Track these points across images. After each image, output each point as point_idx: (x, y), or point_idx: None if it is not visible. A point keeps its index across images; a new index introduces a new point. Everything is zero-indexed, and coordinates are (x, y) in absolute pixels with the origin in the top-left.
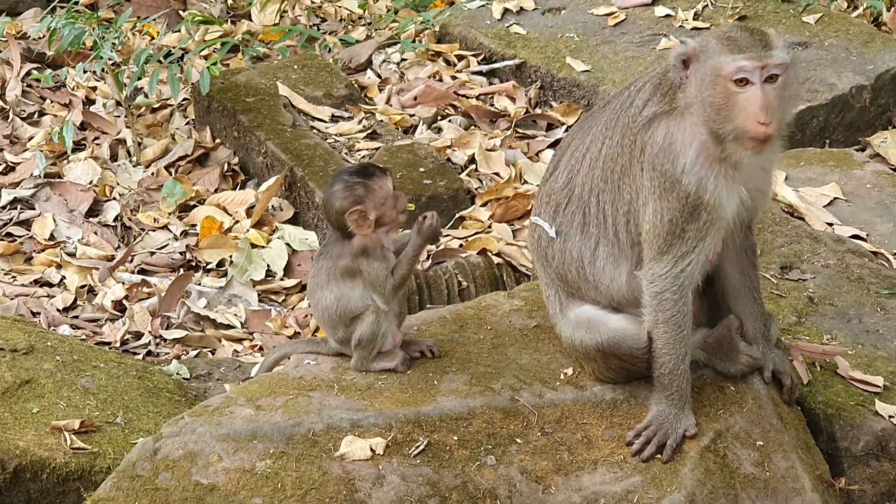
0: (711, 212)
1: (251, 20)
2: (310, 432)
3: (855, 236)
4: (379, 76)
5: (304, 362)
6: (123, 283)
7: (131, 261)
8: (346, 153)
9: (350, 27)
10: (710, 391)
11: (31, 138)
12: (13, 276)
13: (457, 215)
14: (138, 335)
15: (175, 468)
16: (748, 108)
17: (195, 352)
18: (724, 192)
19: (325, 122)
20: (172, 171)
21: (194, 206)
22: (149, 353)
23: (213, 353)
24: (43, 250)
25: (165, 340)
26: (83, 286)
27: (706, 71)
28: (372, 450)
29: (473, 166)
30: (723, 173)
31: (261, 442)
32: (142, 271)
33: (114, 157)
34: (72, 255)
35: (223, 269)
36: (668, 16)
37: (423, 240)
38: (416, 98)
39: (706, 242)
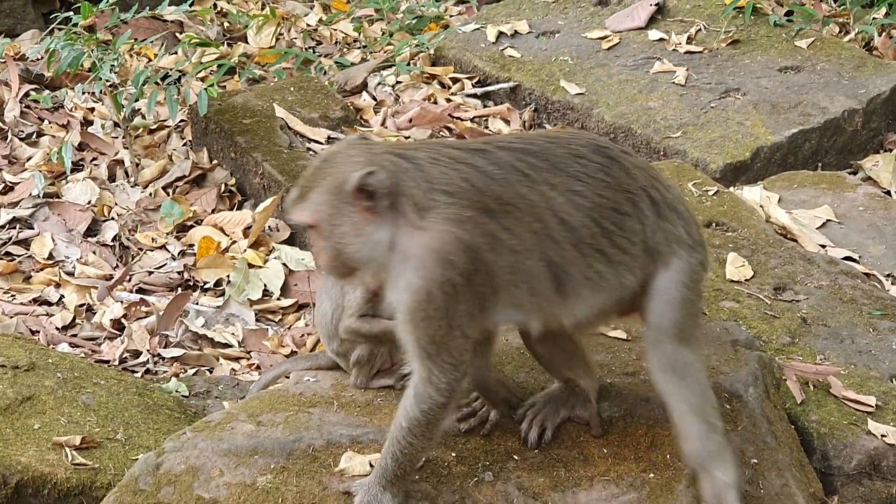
0: None
1: (247, 43)
2: (310, 448)
3: (848, 258)
4: (374, 98)
5: (304, 379)
6: (122, 303)
7: (129, 280)
8: None
9: (345, 50)
10: None
11: (29, 158)
12: (12, 295)
13: None
14: (137, 354)
15: (177, 482)
16: None
17: (193, 370)
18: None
19: (321, 143)
20: (170, 191)
21: (192, 227)
22: (147, 372)
23: (210, 372)
24: (42, 269)
25: (164, 359)
26: (82, 305)
27: None
28: (371, 465)
29: None
30: None
31: (262, 457)
32: (140, 290)
33: (112, 178)
34: (70, 274)
35: (221, 288)
36: (661, 39)
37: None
38: (411, 120)
39: None
